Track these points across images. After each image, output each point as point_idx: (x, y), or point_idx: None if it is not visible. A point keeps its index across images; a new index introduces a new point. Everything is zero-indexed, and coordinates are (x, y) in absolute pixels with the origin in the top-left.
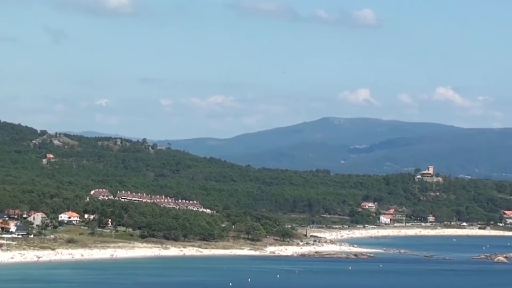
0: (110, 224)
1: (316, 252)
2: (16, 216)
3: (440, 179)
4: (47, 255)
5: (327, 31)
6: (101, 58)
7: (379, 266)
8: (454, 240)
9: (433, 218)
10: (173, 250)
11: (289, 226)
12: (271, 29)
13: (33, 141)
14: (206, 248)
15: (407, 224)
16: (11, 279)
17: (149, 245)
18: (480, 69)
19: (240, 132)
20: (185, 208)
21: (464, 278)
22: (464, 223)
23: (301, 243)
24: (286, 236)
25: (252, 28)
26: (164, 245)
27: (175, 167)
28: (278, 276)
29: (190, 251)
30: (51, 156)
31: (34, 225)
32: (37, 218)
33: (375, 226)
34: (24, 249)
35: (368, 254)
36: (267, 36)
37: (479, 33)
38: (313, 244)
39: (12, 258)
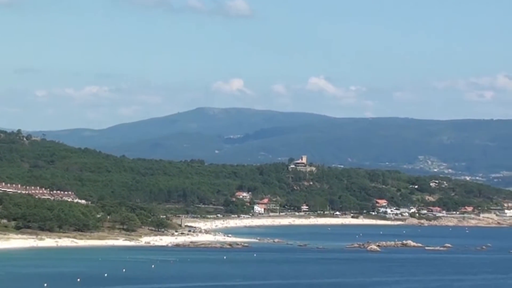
0: None
1: (191, 242)
2: None
3: (313, 168)
4: None
5: (201, 21)
6: None
7: (253, 256)
8: (329, 229)
9: (307, 207)
10: (48, 241)
11: (164, 216)
12: (145, 19)
13: None
14: (81, 239)
15: (281, 213)
16: None
17: (25, 236)
18: (352, 59)
19: (115, 123)
20: (60, 199)
21: (338, 266)
22: (337, 212)
23: (176, 233)
24: (161, 226)
25: (127, 19)
26: (39, 236)
27: (49, 158)
28: (153, 266)
29: (65, 242)
30: None
31: None
32: None
33: (250, 216)
34: None
35: (242, 244)
36: (141, 26)
37: (351, 23)
38: (188, 234)
39: None
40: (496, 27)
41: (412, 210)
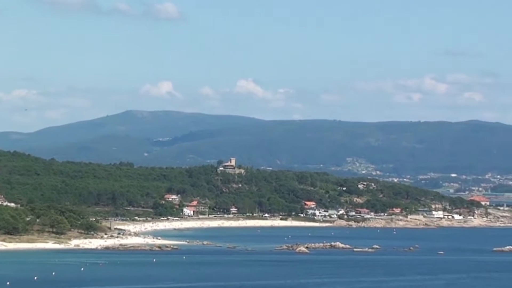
0: None
1: (120, 245)
2: None
3: (242, 170)
4: None
5: (129, 24)
6: None
7: (182, 258)
8: (258, 231)
9: (236, 209)
10: None
11: (94, 219)
12: (73, 22)
13: None
14: (10, 242)
15: (210, 216)
16: None
17: None
18: (280, 61)
19: (44, 126)
20: None
21: (267, 268)
22: (266, 214)
23: (105, 236)
24: (90, 229)
25: (55, 22)
26: None
27: None
28: (82, 269)
29: None
30: None
31: None
32: None
33: (179, 218)
34: None
35: (172, 246)
36: (69, 29)
37: (280, 25)
38: (117, 237)
39: None
40: (422, 29)
41: (341, 212)
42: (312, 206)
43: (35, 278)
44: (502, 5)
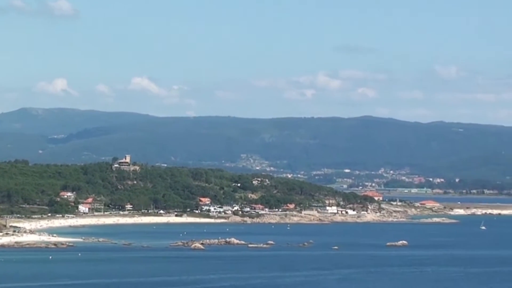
0: None
1: (16, 243)
2: None
3: (137, 167)
4: None
5: (24, 21)
6: None
7: (78, 255)
8: (154, 227)
9: (131, 206)
10: None
11: None
12: None
13: None
14: None
15: (105, 212)
16: None
17: None
18: (174, 58)
19: None
20: None
21: (162, 265)
22: (162, 211)
23: (0, 234)
24: None
25: None
26: None
27: None
28: None
29: None
30: None
31: None
32: None
33: (74, 216)
34: None
35: (67, 244)
36: None
37: (172, 22)
38: (12, 235)
39: None
40: (316, 26)
41: (235, 208)
42: (207, 202)
43: None
44: (395, 2)
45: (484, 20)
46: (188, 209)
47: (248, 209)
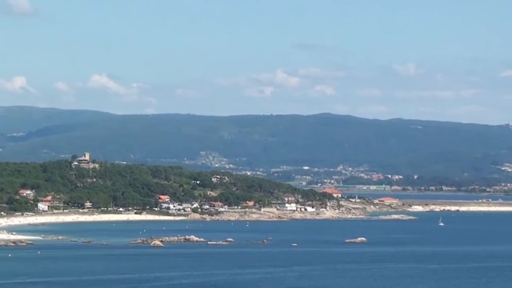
0: None
1: None
2: None
3: (96, 165)
4: None
5: None
6: None
7: (37, 253)
8: (114, 225)
9: (91, 204)
10: None
11: None
12: None
13: None
14: None
15: (65, 210)
16: None
17: None
18: (134, 56)
19: None
20: None
21: (122, 262)
22: (121, 209)
23: None
24: None
25: None
26: None
27: None
28: None
29: None
30: None
31: None
32: None
33: (34, 213)
34: None
35: (27, 242)
36: None
37: (132, 19)
38: None
39: None
40: (274, 23)
41: (195, 205)
42: (166, 200)
43: None
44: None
45: (442, 18)
46: (148, 207)
47: (208, 206)
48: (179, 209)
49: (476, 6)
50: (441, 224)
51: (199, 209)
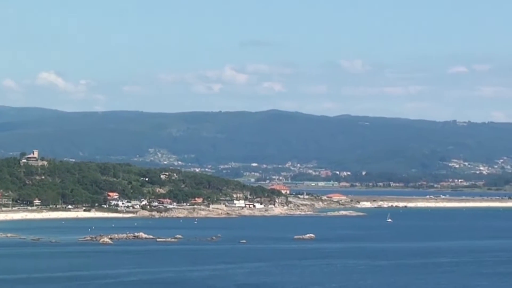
0: None
1: None
2: None
3: (45, 162)
4: None
5: None
6: None
7: None
8: (63, 222)
9: (39, 201)
10: None
11: None
12: None
13: None
14: None
15: (13, 208)
16: None
17: None
18: (82, 53)
19: None
20: None
21: (71, 260)
22: (70, 206)
23: None
24: None
25: None
26: None
27: None
28: None
29: None
30: None
31: None
32: None
33: None
34: None
35: None
36: None
37: (80, 17)
38: None
39: None
40: (223, 20)
41: (143, 203)
42: (115, 197)
43: None
44: None
45: (390, 14)
46: (97, 204)
47: (156, 203)
48: (128, 206)
49: (423, 2)
50: (389, 220)
51: (148, 206)
